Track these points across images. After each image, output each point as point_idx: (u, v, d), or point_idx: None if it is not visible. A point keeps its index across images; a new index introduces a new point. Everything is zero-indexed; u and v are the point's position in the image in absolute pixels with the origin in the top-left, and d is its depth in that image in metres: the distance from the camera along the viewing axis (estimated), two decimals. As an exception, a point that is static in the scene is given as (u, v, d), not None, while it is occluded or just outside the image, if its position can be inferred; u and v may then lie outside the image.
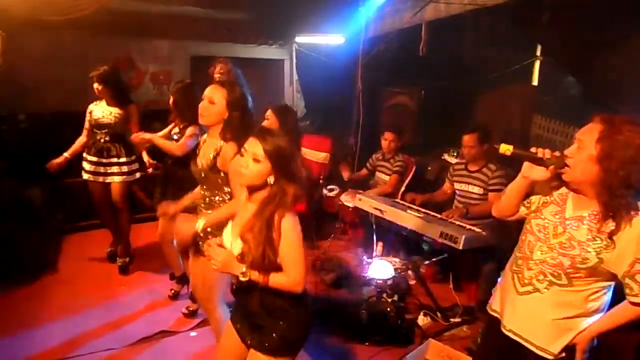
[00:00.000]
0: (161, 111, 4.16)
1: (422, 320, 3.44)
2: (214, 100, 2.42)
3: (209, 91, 2.46)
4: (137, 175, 4.07)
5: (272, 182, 1.80)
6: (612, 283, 1.76)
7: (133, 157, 4.01)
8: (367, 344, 3.22)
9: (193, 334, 3.34)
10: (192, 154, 3.08)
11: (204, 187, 2.56)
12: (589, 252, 1.68)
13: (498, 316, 1.98)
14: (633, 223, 1.62)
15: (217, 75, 3.95)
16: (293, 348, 1.93)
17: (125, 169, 3.95)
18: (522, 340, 1.85)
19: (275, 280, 1.79)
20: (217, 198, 2.50)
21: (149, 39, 6.01)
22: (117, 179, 3.94)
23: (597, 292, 1.75)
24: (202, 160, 2.49)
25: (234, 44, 6.43)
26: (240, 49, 6.52)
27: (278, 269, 1.80)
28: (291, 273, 1.79)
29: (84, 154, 3.98)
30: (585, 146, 1.64)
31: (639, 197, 1.63)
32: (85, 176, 3.99)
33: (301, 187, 1.83)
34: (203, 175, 2.50)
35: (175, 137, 3.37)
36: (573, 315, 1.77)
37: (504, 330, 1.91)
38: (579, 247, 1.70)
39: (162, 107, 3.80)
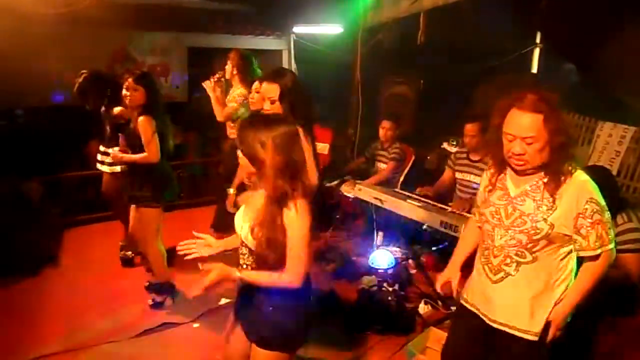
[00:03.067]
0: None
1: (423, 308, 3.45)
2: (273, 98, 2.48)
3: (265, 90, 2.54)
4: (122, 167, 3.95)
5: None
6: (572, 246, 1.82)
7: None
8: (368, 333, 3.23)
9: (196, 325, 3.35)
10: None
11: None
12: (539, 221, 1.76)
13: (474, 310, 2.00)
14: (570, 181, 1.75)
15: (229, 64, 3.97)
16: (291, 343, 1.90)
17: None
18: (506, 328, 1.87)
19: (270, 280, 1.77)
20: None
21: (146, 31, 5.97)
22: (116, 168, 3.95)
23: (561, 259, 1.82)
24: None
25: (232, 35, 6.39)
26: (238, 40, 6.47)
27: (280, 264, 1.76)
28: (291, 269, 1.75)
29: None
30: (538, 139, 1.71)
31: (570, 156, 1.77)
32: (97, 165, 4.06)
33: (302, 183, 1.77)
34: None
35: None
36: (545, 288, 1.83)
37: (487, 322, 1.93)
38: (529, 220, 1.78)
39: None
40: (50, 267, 4.06)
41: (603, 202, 1.75)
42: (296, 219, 1.71)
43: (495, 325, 1.91)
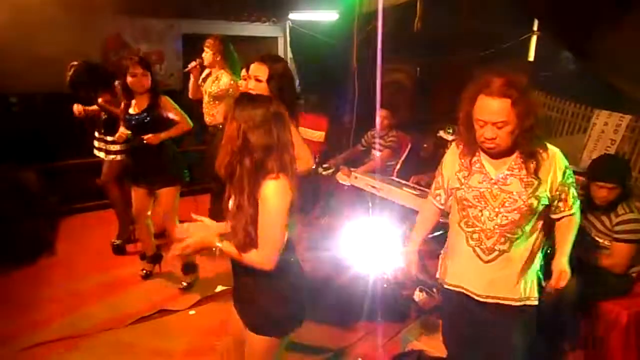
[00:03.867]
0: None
1: (418, 296, 3.47)
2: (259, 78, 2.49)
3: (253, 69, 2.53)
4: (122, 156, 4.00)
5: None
6: None
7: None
8: (363, 319, 3.25)
9: (192, 312, 3.37)
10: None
11: None
12: (530, 197, 1.85)
13: (462, 290, 2.05)
14: (546, 155, 1.86)
15: (205, 48, 3.97)
16: (280, 326, 1.88)
17: (118, 147, 3.94)
18: (502, 301, 1.95)
19: (247, 256, 1.74)
20: None
21: (140, 18, 5.91)
22: (114, 157, 3.98)
23: (539, 229, 1.95)
24: None
25: (227, 21, 6.33)
26: (234, 27, 6.42)
27: (253, 240, 1.73)
28: (262, 249, 1.71)
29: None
30: (508, 122, 1.78)
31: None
32: (94, 152, 4.10)
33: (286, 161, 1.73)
34: None
35: (145, 115, 3.38)
36: (529, 257, 1.95)
37: (480, 299, 1.98)
38: (519, 198, 1.86)
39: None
40: (47, 255, 4.07)
41: (569, 167, 1.90)
42: (272, 195, 1.68)
43: (481, 299, 1.98)
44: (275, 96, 2.34)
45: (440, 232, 3.67)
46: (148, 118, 3.31)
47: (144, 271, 3.77)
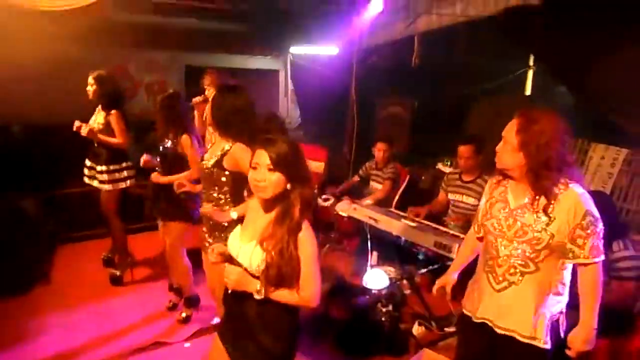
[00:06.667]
0: (155, 121, 4.17)
1: (417, 329, 3.43)
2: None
3: None
4: (124, 184, 3.99)
5: (290, 188, 1.77)
6: None
7: (123, 165, 3.97)
8: (361, 353, 3.20)
9: (187, 345, 3.32)
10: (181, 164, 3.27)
11: (206, 183, 2.67)
12: (539, 231, 1.85)
13: (472, 315, 2.08)
14: (559, 198, 1.83)
15: (206, 87, 4.00)
16: None
17: (105, 177, 3.91)
18: (508, 333, 1.95)
19: (288, 297, 1.76)
20: (215, 194, 2.61)
21: (144, 50, 6.04)
22: (106, 187, 3.94)
23: (561, 269, 1.91)
24: (209, 158, 2.61)
25: (229, 54, 6.47)
26: (235, 60, 6.56)
27: (294, 280, 1.75)
28: (307, 288, 1.75)
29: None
30: (507, 140, 1.90)
31: (563, 174, 1.85)
32: (85, 179, 4.03)
33: (311, 187, 1.81)
34: (207, 172, 2.61)
35: (168, 144, 3.35)
36: (546, 295, 1.91)
37: (489, 324, 2.00)
38: (530, 231, 1.88)
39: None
40: (42, 284, 4.03)
41: (597, 214, 1.83)
42: (307, 235, 1.74)
43: (497, 330, 1.98)
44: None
45: (438, 265, 3.67)
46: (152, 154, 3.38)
47: (171, 302, 3.71)
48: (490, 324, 2.01)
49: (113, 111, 3.83)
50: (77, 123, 3.80)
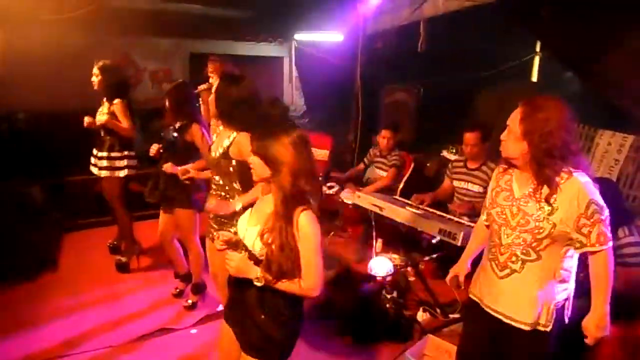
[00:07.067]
0: (160, 109, 4.16)
1: (422, 316, 3.45)
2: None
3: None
4: (122, 172, 3.93)
5: (271, 174, 1.77)
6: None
7: (125, 153, 3.93)
8: (366, 340, 3.23)
9: (193, 331, 3.35)
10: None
11: (216, 173, 2.69)
12: (541, 220, 1.85)
13: (478, 301, 2.11)
14: (562, 187, 1.82)
15: (210, 75, 3.97)
16: (280, 352, 1.87)
17: (104, 163, 3.88)
18: (512, 321, 1.96)
19: (289, 287, 1.76)
20: (225, 184, 2.63)
21: (148, 37, 6.01)
22: (103, 173, 3.92)
23: (564, 258, 1.90)
24: (216, 149, 2.62)
25: (234, 41, 6.43)
26: (240, 47, 6.52)
27: (295, 271, 1.75)
28: (308, 278, 1.75)
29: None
30: (511, 129, 1.89)
31: (568, 163, 1.82)
32: (91, 168, 4.02)
33: (316, 184, 1.80)
34: (215, 163, 2.63)
35: (174, 134, 3.35)
36: (549, 283, 1.91)
37: (492, 313, 2.02)
38: (532, 220, 1.87)
39: (161, 105, 3.83)
40: (49, 271, 4.07)
41: (602, 202, 1.81)
42: (308, 225, 1.73)
43: (496, 315, 2.01)
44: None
45: (442, 252, 3.68)
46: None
47: (177, 289, 3.74)
48: (492, 311, 2.03)
49: (117, 100, 3.82)
50: (87, 119, 3.80)
